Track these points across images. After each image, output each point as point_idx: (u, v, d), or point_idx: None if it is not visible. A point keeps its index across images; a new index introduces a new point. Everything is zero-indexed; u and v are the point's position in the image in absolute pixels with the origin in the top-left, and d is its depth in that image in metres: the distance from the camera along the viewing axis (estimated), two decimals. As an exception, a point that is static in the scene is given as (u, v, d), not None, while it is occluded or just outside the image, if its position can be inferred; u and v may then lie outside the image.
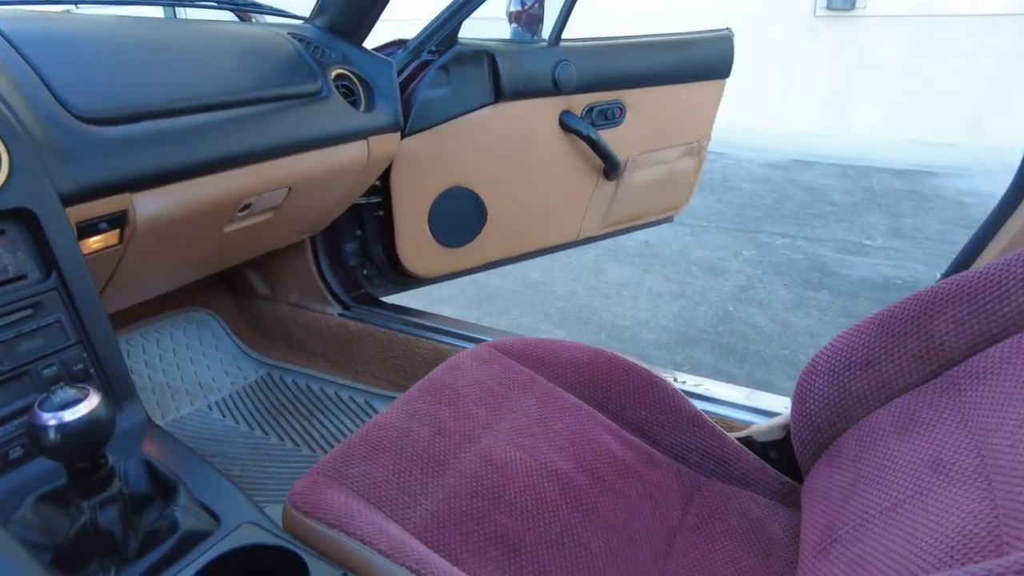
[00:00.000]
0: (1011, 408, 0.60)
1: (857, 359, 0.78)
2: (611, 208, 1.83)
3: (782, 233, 3.03)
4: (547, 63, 1.51)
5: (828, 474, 0.77)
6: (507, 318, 2.20)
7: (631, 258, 2.74)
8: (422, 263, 1.50)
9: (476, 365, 0.98)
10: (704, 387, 1.16)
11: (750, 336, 2.07)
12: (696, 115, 1.91)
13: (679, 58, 1.76)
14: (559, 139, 1.61)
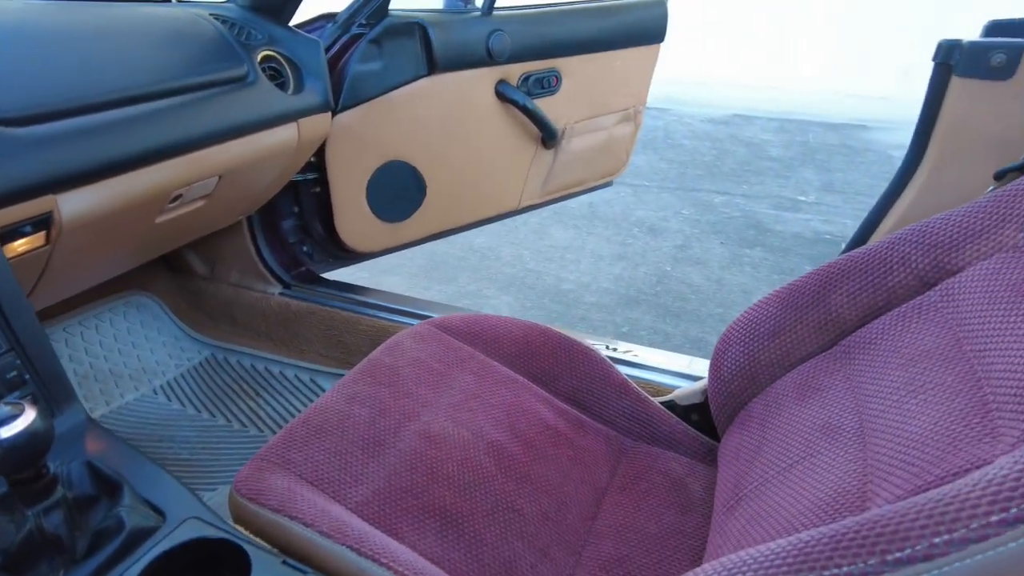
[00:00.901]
0: (886, 375, 0.68)
1: (765, 330, 0.85)
2: (550, 176, 1.86)
3: (720, 191, 3.12)
4: (480, 33, 1.51)
5: (739, 436, 0.84)
6: (454, 285, 2.24)
7: (575, 220, 2.78)
8: (362, 238, 1.51)
9: (416, 344, 1.02)
10: (634, 353, 1.22)
11: (686, 295, 2.15)
12: (632, 81, 1.93)
13: (614, 24, 1.77)
14: (496, 109, 1.61)
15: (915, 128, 0.87)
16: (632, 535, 0.83)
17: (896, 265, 0.74)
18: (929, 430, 0.56)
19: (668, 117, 4.59)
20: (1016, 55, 0.78)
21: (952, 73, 0.82)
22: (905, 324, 0.71)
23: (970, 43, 0.81)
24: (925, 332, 0.68)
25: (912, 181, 0.88)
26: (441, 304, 1.44)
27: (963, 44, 0.81)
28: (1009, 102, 0.79)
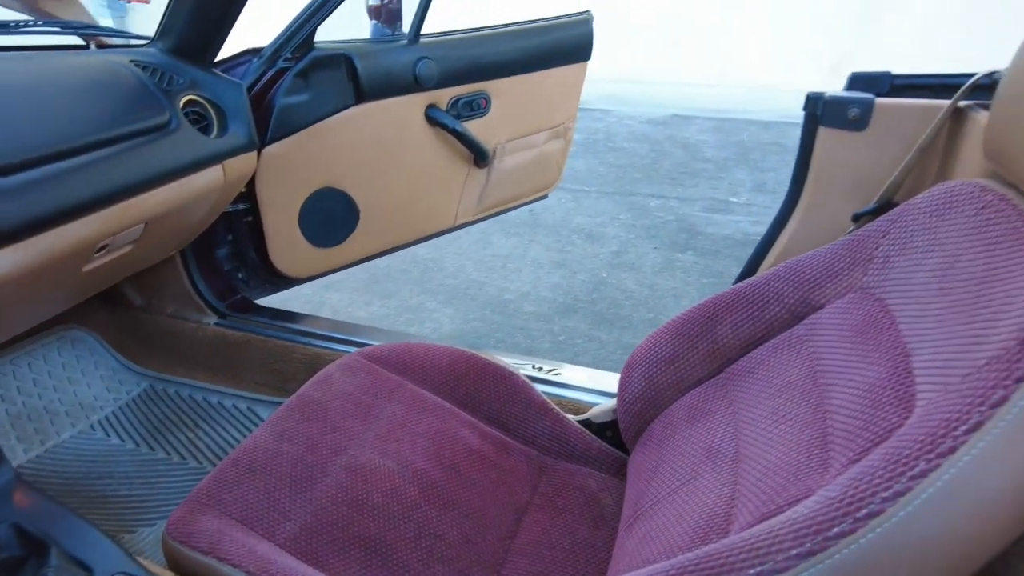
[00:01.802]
0: (759, 403, 0.76)
1: (662, 356, 0.92)
2: (485, 193, 1.92)
3: (657, 194, 3.23)
4: (407, 61, 1.55)
5: (642, 455, 0.92)
6: (396, 300, 2.28)
7: (517, 228, 2.85)
8: (296, 264, 1.55)
9: (345, 376, 1.06)
10: (556, 372, 1.29)
11: (620, 302, 2.24)
12: (561, 99, 2.00)
13: (540, 45, 1.82)
14: (427, 133, 1.66)
15: (793, 170, 0.96)
16: (547, 551, 0.90)
17: (771, 300, 0.83)
18: (782, 459, 0.64)
19: (609, 119, 4.69)
20: (868, 109, 0.87)
21: (818, 123, 0.90)
22: (777, 355, 0.79)
23: (830, 97, 0.90)
24: (792, 364, 0.76)
25: (791, 219, 0.97)
26: (376, 329, 1.48)
27: (825, 97, 0.90)
28: (865, 151, 0.88)
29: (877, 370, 0.60)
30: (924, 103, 0.85)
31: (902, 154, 0.85)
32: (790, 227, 0.98)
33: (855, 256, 0.75)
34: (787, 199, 0.98)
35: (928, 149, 0.84)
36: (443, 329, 2.10)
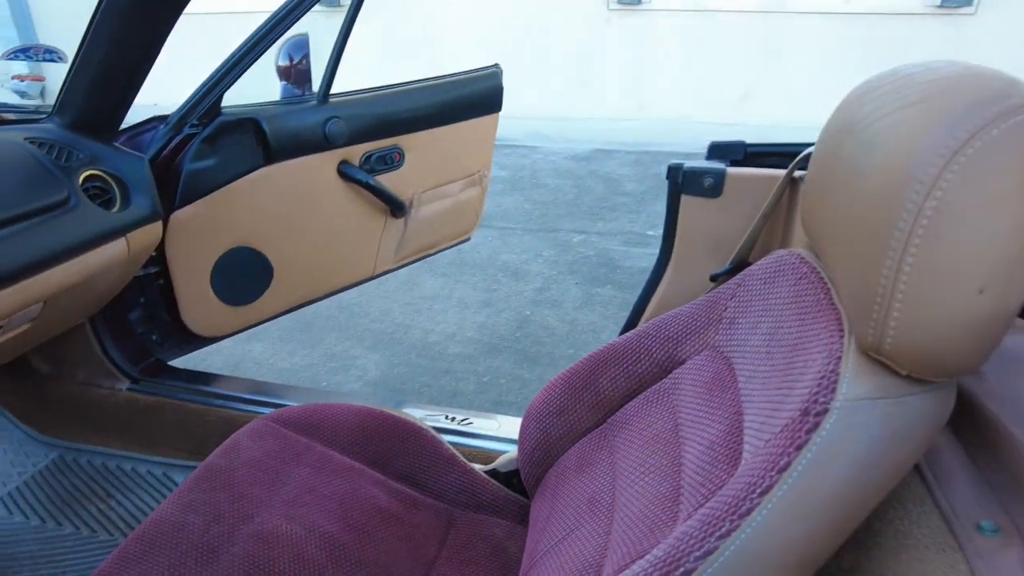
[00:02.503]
0: (632, 454, 0.82)
1: (553, 408, 0.99)
2: (403, 242, 1.97)
3: (578, 230, 3.34)
4: (316, 120, 1.59)
5: (539, 504, 0.97)
6: (321, 348, 2.28)
7: (444, 268, 2.90)
8: (210, 324, 1.55)
9: (252, 442, 1.08)
10: (469, 422, 1.34)
11: (543, 339, 2.32)
12: (475, 149, 2.07)
13: (451, 99, 1.89)
14: (340, 188, 1.70)
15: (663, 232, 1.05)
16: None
17: (643, 355, 0.90)
18: (643, 511, 0.71)
19: (535, 156, 4.83)
20: (721, 178, 0.97)
21: (680, 191, 1.00)
22: (648, 407, 0.86)
23: (688, 168, 0.99)
24: (659, 416, 0.83)
25: (663, 278, 1.06)
26: (292, 388, 1.50)
27: (684, 168, 1.00)
28: (721, 216, 0.98)
29: (718, 427, 0.68)
30: (768, 173, 0.95)
31: (752, 219, 0.95)
32: (662, 285, 1.06)
33: (709, 315, 0.83)
34: (659, 259, 1.06)
35: (773, 214, 0.94)
36: (368, 376, 2.12)
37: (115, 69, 1.17)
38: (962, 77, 0.48)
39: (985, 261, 0.44)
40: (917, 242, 0.45)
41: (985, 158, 0.43)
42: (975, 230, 0.43)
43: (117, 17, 1.10)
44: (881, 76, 0.59)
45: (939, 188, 0.44)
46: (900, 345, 0.47)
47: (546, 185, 4.13)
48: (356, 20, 1.62)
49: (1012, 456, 0.54)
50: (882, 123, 0.51)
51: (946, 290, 0.45)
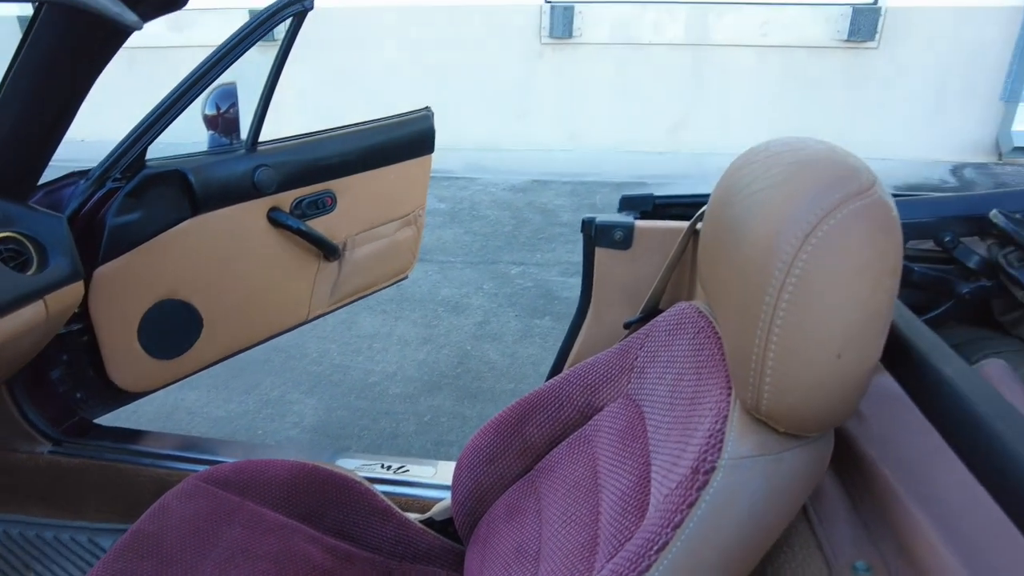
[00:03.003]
0: (556, 502, 0.86)
1: (484, 456, 1.01)
2: (337, 285, 1.97)
3: (517, 261, 3.40)
4: (244, 169, 1.59)
5: (472, 553, 0.99)
6: (256, 394, 2.25)
7: (384, 305, 2.90)
8: (138, 379, 1.51)
9: (182, 504, 1.06)
10: (405, 470, 1.35)
11: (484, 374, 2.34)
12: (408, 190, 2.09)
13: (382, 142, 1.92)
14: (271, 234, 1.69)
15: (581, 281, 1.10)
16: (389, 659, 0.94)
17: (565, 401, 0.94)
18: (565, 561, 0.74)
19: (474, 187, 4.88)
20: (630, 231, 1.02)
21: (594, 243, 1.05)
22: (571, 453, 0.90)
23: (600, 222, 1.05)
24: (580, 462, 0.87)
25: (584, 323, 1.11)
26: (225, 442, 1.48)
27: (596, 222, 1.05)
28: (632, 266, 1.03)
29: (630, 477, 0.72)
30: (673, 226, 1.01)
31: (661, 269, 1.01)
32: (583, 332, 1.11)
33: (622, 364, 0.87)
34: (579, 306, 1.11)
35: (679, 265, 1.00)
36: (305, 422, 2.09)
37: (32, 126, 1.15)
38: (816, 161, 0.53)
39: (839, 330, 0.49)
40: (781, 314, 0.50)
41: (832, 239, 0.48)
42: (829, 303, 0.49)
43: (34, 72, 1.09)
44: (757, 149, 0.65)
45: (796, 267, 0.49)
46: (774, 406, 0.52)
47: (485, 217, 4.18)
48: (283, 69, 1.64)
49: (884, 496, 0.59)
50: (752, 199, 0.56)
51: (809, 357, 0.50)
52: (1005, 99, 5.59)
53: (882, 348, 0.51)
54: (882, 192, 0.50)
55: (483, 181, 5.06)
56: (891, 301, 0.50)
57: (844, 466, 0.66)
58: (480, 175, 5.24)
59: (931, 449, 0.61)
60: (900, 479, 0.60)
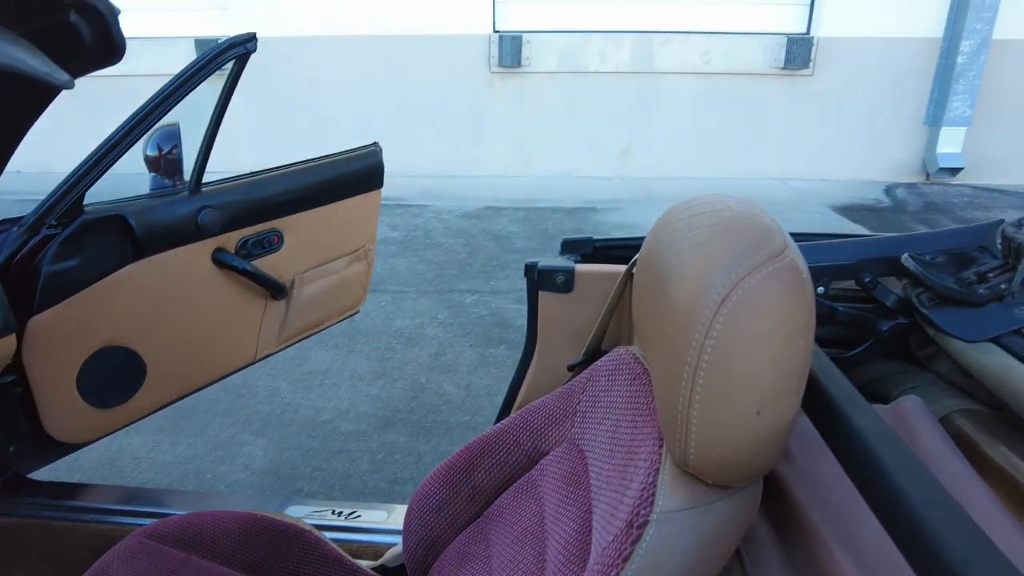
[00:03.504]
0: (504, 549, 0.86)
1: (433, 503, 1.01)
2: (286, 324, 1.94)
3: (472, 290, 3.41)
4: (188, 211, 1.57)
5: (423, 600, 0.99)
6: (204, 437, 2.19)
7: (335, 339, 2.87)
8: (77, 430, 1.46)
9: (124, 565, 1.03)
10: (357, 515, 1.33)
11: (439, 407, 2.33)
12: (358, 226, 2.09)
13: (330, 179, 1.91)
14: (216, 276, 1.67)
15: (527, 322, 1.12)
16: None
17: (512, 446, 0.95)
18: (511, 609, 0.74)
19: (428, 214, 4.89)
20: (570, 275, 1.05)
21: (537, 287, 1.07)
22: (519, 498, 0.91)
23: (542, 267, 1.07)
24: (527, 508, 0.88)
25: (531, 365, 1.13)
26: (167, 492, 1.44)
27: (538, 267, 1.07)
28: (574, 309, 1.06)
29: (573, 525, 0.73)
30: (612, 269, 1.04)
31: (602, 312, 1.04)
32: (529, 375, 1.13)
33: (566, 407, 0.89)
34: (525, 349, 1.13)
35: (619, 307, 1.02)
36: (256, 464, 2.05)
37: (-41, 178, 1.12)
38: (732, 225, 0.57)
39: (757, 389, 0.52)
40: (702, 376, 0.52)
41: (746, 304, 0.51)
42: (745, 364, 0.52)
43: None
44: (681, 207, 0.68)
45: (713, 331, 0.52)
46: (700, 461, 0.54)
47: (439, 245, 4.19)
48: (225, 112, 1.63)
49: (811, 539, 0.62)
50: (677, 259, 0.59)
51: (730, 414, 0.52)
52: (928, 123, 5.91)
53: (799, 401, 0.54)
54: (793, 255, 0.53)
55: (436, 208, 5.07)
56: (805, 359, 0.53)
57: (775, 509, 0.69)
58: (433, 202, 5.25)
59: (854, 490, 0.64)
60: (826, 521, 0.63)
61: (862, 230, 4.66)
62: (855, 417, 0.53)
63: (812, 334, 0.54)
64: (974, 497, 0.64)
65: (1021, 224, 0.87)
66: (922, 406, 0.80)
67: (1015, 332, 0.80)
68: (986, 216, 5.07)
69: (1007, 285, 0.83)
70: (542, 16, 5.90)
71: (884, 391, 0.93)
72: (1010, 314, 0.81)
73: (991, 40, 5.47)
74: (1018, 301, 0.82)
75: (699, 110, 5.94)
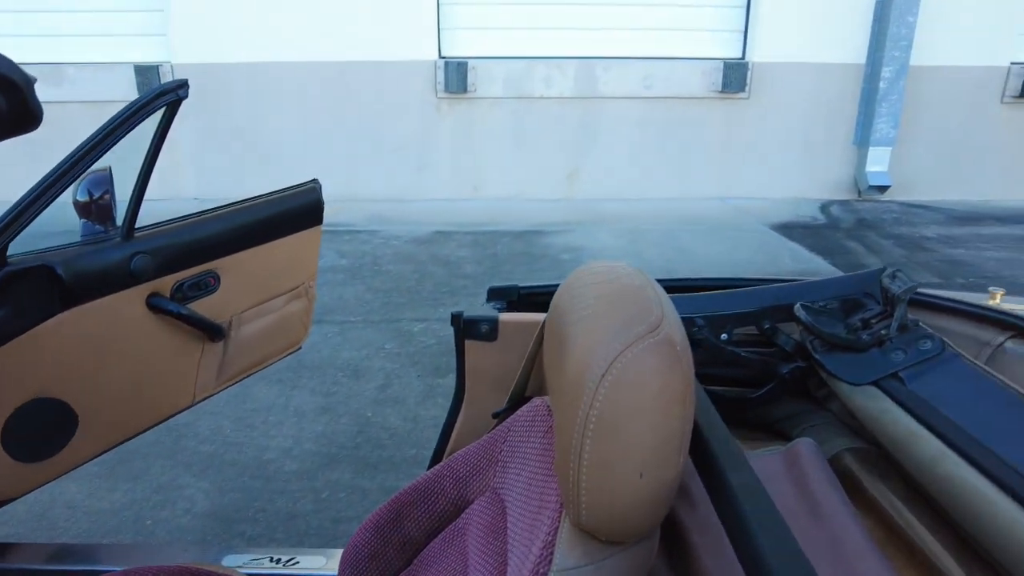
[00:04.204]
0: (431, 598, 0.89)
1: (365, 553, 1.03)
2: (224, 365, 1.93)
3: (420, 318, 3.43)
4: (120, 258, 1.55)
5: (357, 650, 1.00)
6: (144, 481, 2.14)
7: (280, 374, 2.84)
8: (3, 487, 1.43)
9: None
10: (295, 562, 1.34)
11: (385, 442, 2.34)
12: (297, 262, 2.09)
13: (267, 218, 1.91)
14: (150, 321, 1.65)
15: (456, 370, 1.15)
16: None
17: (439, 494, 0.98)
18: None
19: (376, 240, 4.89)
20: (494, 324, 1.09)
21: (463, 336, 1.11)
22: (445, 548, 0.94)
23: (466, 317, 1.11)
24: (453, 557, 0.91)
25: (462, 410, 1.16)
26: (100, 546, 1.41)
27: (463, 317, 1.11)
28: (499, 357, 1.10)
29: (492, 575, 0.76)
30: (534, 318, 1.08)
31: (526, 359, 1.08)
32: (459, 421, 1.16)
33: (489, 456, 0.93)
34: (454, 396, 1.16)
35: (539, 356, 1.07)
36: (196, 508, 2.02)
37: None
38: (615, 300, 0.61)
39: (639, 455, 0.56)
40: (588, 443, 0.57)
41: (625, 377, 0.56)
42: (627, 433, 0.56)
43: None
44: (584, 271, 0.73)
45: (596, 402, 0.56)
46: (591, 521, 0.58)
47: (388, 272, 4.19)
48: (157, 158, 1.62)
49: (704, 583, 0.66)
50: (569, 329, 0.63)
51: (615, 478, 0.57)
52: (857, 144, 6.21)
53: (682, 461, 0.59)
54: (668, 329, 0.58)
55: (385, 234, 5.07)
56: (684, 424, 0.58)
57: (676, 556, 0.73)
58: (383, 227, 5.25)
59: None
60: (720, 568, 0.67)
61: (799, 247, 4.85)
62: (730, 474, 0.58)
63: (690, 400, 0.58)
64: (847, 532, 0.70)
65: (895, 275, 0.95)
66: (814, 448, 0.86)
67: (892, 375, 0.87)
68: (911, 231, 5.35)
69: (887, 331, 0.90)
70: (487, 42, 6.00)
71: (788, 429, 1.00)
72: (888, 359, 0.88)
73: (908, 66, 5.80)
74: (896, 346, 0.89)
75: (642, 133, 6.12)
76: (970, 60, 5.94)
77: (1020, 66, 5.94)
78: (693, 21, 6.04)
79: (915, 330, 0.89)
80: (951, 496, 0.72)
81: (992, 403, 0.77)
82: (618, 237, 4.98)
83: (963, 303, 0.98)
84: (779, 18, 5.90)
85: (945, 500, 0.73)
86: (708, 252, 4.68)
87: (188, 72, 5.85)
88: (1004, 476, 0.69)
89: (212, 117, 5.99)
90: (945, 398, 0.80)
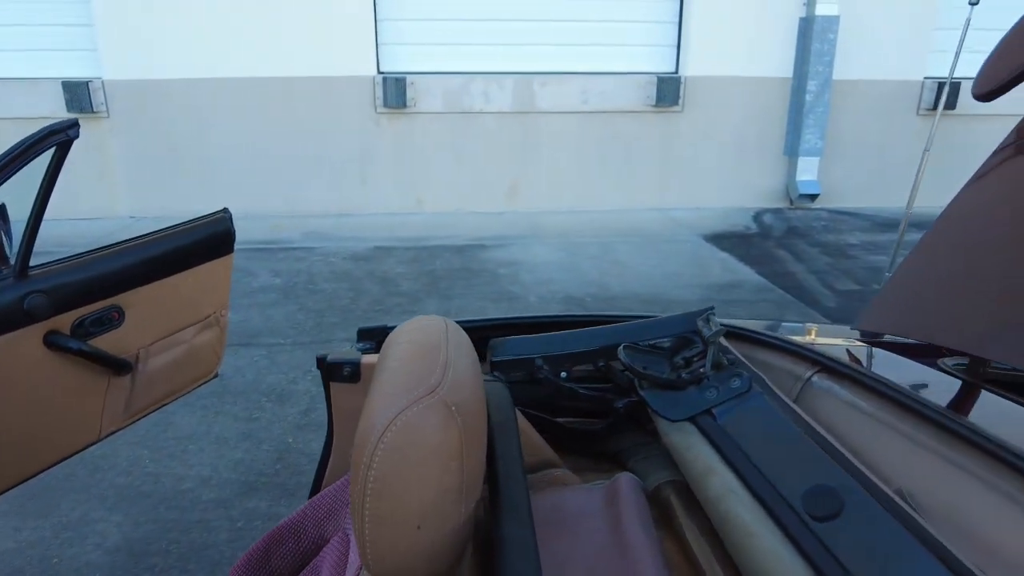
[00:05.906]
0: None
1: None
2: (132, 399, 1.93)
3: (352, 338, 3.44)
4: (12, 298, 1.55)
5: None
6: (54, 517, 2.12)
7: (204, 400, 2.83)
8: None
9: None
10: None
11: (304, 467, 2.36)
12: (208, 292, 2.09)
13: (174, 248, 1.91)
14: (50, 359, 1.65)
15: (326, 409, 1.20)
16: None
17: (302, 533, 1.02)
18: None
19: (313, 257, 4.88)
20: (356, 366, 1.14)
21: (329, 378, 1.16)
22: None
23: (330, 360, 1.16)
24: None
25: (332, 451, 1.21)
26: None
27: (327, 360, 1.16)
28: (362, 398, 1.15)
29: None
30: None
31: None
32: (331, 460, 1.21)
33: (342, 498, 0.98)
34: (327, 432, 1.21)
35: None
36: (108, 542, 2.01)
37: None
38: (406, 360, 0.67)
39: (416, 507, 0.62)
40: (369, 496, 0.62)
41: (401, 436, 0.62)
42: (404, 486, 0.62)
43: None
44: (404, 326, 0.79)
45: (374, 461, 0.62)
46: (378, 569, 0.64)
47: (322, 290, 4.19)
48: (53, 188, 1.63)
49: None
50: (373, 386, 0.69)
51: (396, 531, 0.62)
52: (787, 154, 6.45)
53: (463, 510, 0.65)
54: (445, 392, 0.65)
55: (323, 250, 5.06)
56: (461, 477, 0.64)
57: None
58: (321, 244, 5.24)
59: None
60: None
61: (730, 257, 5.02)
62: (505, 526, 0.65)
63: (465, 457, 0.64)
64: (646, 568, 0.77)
65: (708, 318, 1.04)
66: (633, 482, 0.93)
67: (707, 412, 0.95)
68: (837, 238, 5.58)
69: (704, 369, 0.98)
70: (425, 58, 6.05)
71: (625, 460, 1.07)
72: (704, 396, 0.96)
73: (832, 80, 6.06)
74: (711, 384, 0.98)
75: (580, 146, 6.24)
76: (888, 75, 6.23)
77: (933, 80, 6.26)
78: (628, 37, 6.20)
79: (728, 369, 0.97)
80: (725, 532, 0.80)
81: (785, 437, 0.85)
82: (557, 251, 5.07)
83: (779, 339, 1.07)
84: (710, 34, 6.10)
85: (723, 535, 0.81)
86: (642, 264, 4.81)
87: (121, 88, 5.75)
88: (775, 507, 0.77)
89: (147, 134, 5.89)
90: (746, 433, 0.88)
